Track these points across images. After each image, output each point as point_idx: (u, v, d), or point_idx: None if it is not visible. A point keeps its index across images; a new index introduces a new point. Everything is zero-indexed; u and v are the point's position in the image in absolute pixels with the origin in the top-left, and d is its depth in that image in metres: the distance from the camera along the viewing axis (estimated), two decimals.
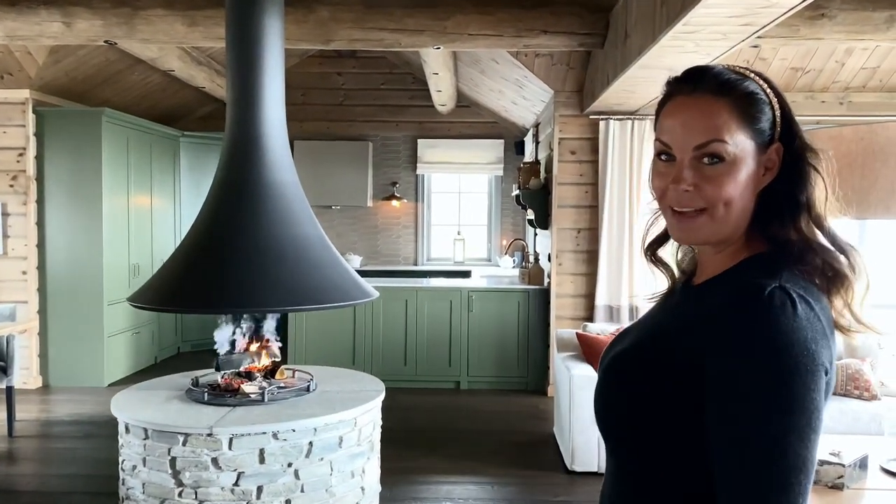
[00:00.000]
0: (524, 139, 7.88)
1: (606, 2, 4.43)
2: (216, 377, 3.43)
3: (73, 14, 4.48)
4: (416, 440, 4.61)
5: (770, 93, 0.95)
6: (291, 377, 3.52)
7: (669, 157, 0.97)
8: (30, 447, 4.53)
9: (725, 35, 3.14)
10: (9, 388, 4.65)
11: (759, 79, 0.96)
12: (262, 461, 2.93)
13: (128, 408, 3.14)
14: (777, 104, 0.95)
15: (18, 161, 5.77)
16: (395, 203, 8.18)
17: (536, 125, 6.89)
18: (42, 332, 5.94)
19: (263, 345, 3.57)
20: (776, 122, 0.95)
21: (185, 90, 7.08)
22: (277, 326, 3.64)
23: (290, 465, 2.97)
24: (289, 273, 3.09)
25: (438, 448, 4.49)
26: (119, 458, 3.19)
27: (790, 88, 5.49)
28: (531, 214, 6.31)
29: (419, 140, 8.17)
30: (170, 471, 2.94)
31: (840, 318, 0.92)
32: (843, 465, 2.37)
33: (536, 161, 6.49)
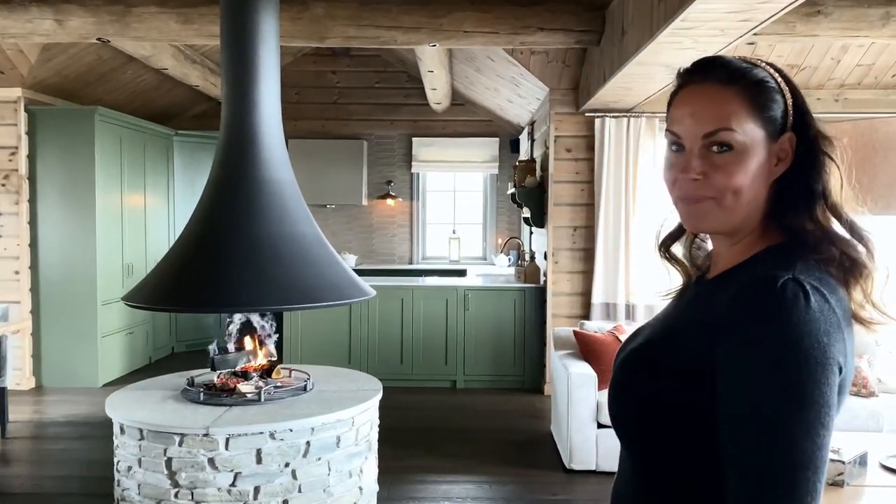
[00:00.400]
0: (519, 137, 7.87)
1: None
2: (212, 377, 3.40)
3: (66, 11, 4.44)
4: (413, 439, 4.59)
5: (781, 81, 0.94)
6: (288, 376, 3.49)
7: (680, 148, 0.96)
8: (23, 448, 4.49)
9: (723, 31, 3.13)
10: (1, 389, 4.60)
11: (771, 68, 0.94)
12: (259, 461, 2.90)
13: (123, 408, 3.11)
14: (789, 93, 0.94)
15: (10, 160, 5.72)
16: (390, 202, 8.16)
17: (531, 123, 6.88)
18: (35, 333, 5.89)
19: (259, 344, 3.54)
20: (788, 111, 0.93)
21: (179, 89, 7.03)
22: (275, 325, 3.61)
23: (288, 466, 2.95)
24: (285, 271, 3.06)
25: (435, 447, 4.47)
26: (114, 459, 3.16)
27: None
28: (527, 213, 6.30)
29: (414, 138, 8.15)
30: (166, 471, 2.91)
31: (860, 311, 0.90)
32: (844, 462, 2.36)
33: (532, 159, 6.48)
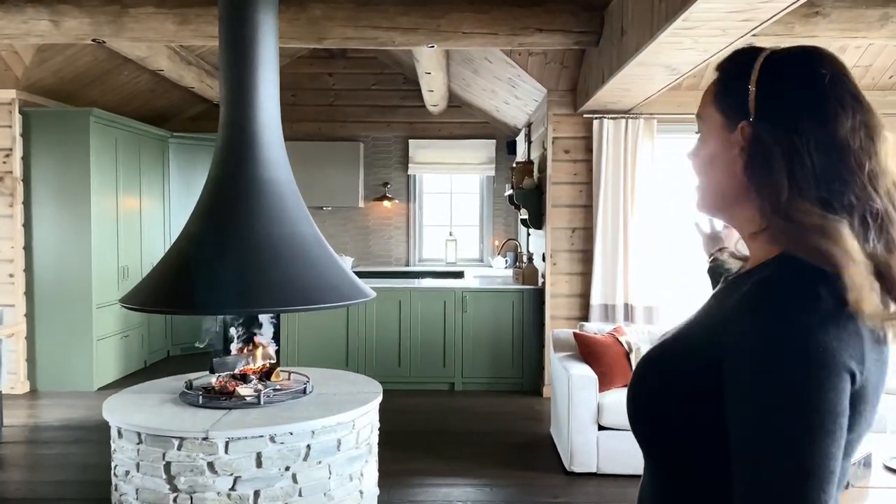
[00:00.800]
0: (516, 139, 7.86)
1: None
2: (210, 380, 3.37)
3: (61, 12, 4.41)
4: (412, 442, 4.56)
5: (756, 69, 0.91)
6: (287, 379, 3.47)
7: None
8: (18, 453, 4.44)
9: (724, 31, 3.12)
10: None
11: (761, 57, 0.92)
12: (259, 465, 2.87)
13: (120, 412, 3.07)
14: (755, 81, 0.90)
15: (5, 162, 5.68)
16: (387, 204, 8.13)
17: (529, 125, 6.87)
18: (29, 336, 5.84)
19: (258, 346, 3.51)
20: (749, 100, 0.90)
21: (174, 91, 7.00)
22: (274, 328, 3.58)
23: (288, 469, 2.92)
24: (284, 272, 3.03)
25: (434, 450, 4.44)
26: (111, 464, 3.13)
27: None
28: (525, 214, 6.28)
29: (410, 140, 8.13)
30: (164, 476, 2.88)
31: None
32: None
33: (530, 161, 6.46)
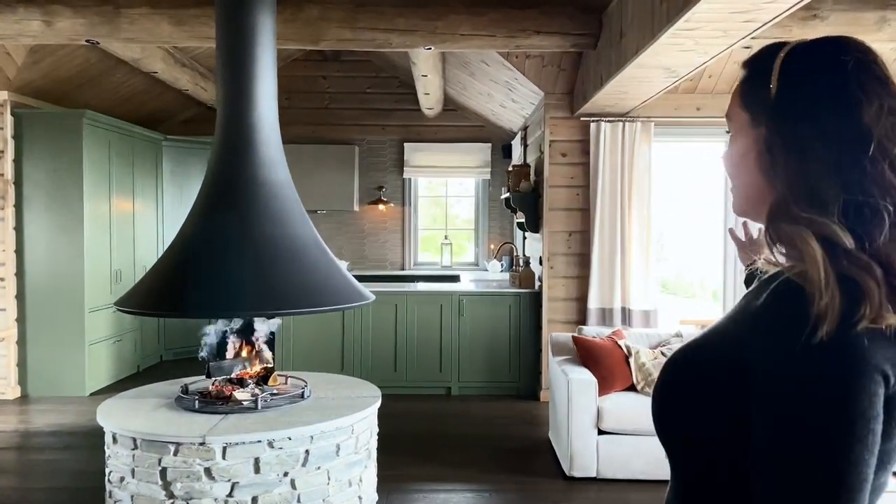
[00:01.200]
0: (511, 143, 7.84)
1: (600, 2, 4.39)
2: (206, 384, 3.32)
3: (54, 12, 4.36)
4: (410, 447, 4.52)
5: (777, 66, 0.88)
6: (284, 384, 3.42)
7: None
8: (9, 459, 4.37)
9: (725, 32, 3.11)
10: None
11: (783, 52, 0.89)
12: (258, 471, 2.83)
13: (115, 417, 3.02)
14: (776, 80, 0.88)
15: None
16: (382, 207, 8.10)
17: (525, 128, 6.85)
18: (21, 341, 5.76)
19: (255, 350, 3.46)
20: (770, 99, 0.88)
21: (168, 93, 6.94)
22: (271, 331, 3.54)
23: (287, 475, 2.87)
24: (282, 275, 2.99)
25: (433, 455, 4.40)
26: (106, 470, 3.07)
27: None
28: (521, 217, 6.25)
29: (406, 144, 8.10)
30: (160, 482, 2.83)
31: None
32: None
33: (526, 164, 6.44)
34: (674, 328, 4.80)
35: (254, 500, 2.83)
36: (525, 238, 6.95)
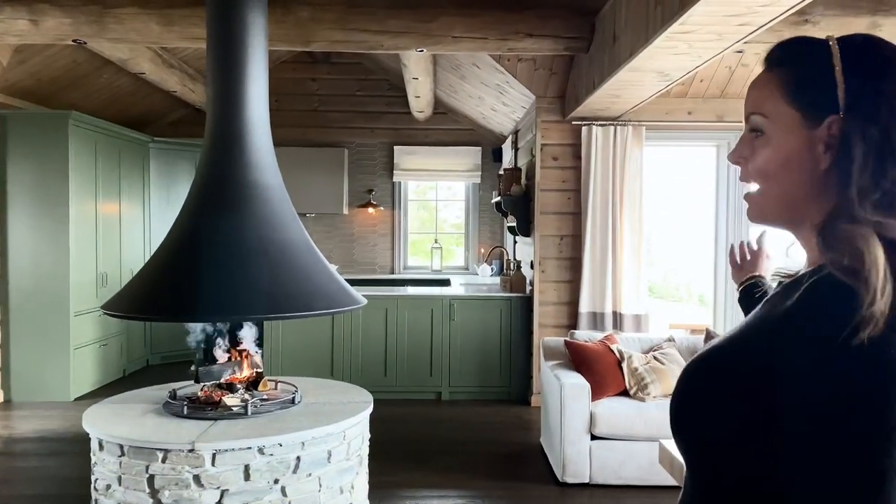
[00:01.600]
0: (502, 146, 7.82)
1: (592, 5, 4.38)
2: (195, 389, 3.26)
3: (40, 11, 4.29)
4: (401, 453, 4.47)
5: (838, 60, 0.85)
6: (274, 389, 3.37)
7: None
8: None
9: (720, 35, 3.10)
10: None
11: (835, 45, 0.86)
12: (248, 478, 2.78)
13: (101, 423, 2.96)
14: (840, 72, 0.84)
15: None
16: (372, 210, 8.05)
17: (516, 132, 6.83)
18: (4, 345, 5.67)
19: (245, 355, 3.41)
20: (837, 93, 0.84)
21: (156, 94, 6.87)
22: (259, 335, 3.49)
23: (277, 482, 2.82)
24: (272, 278, 2.95)
25: (424, 461, 4.36)
26: (91, 477, 3.01)
27: None
28: (512, 221, 6.23)
29: (395, 147, 8.06)
30: (147, 490, 2.77)
31: None
32: None
33: (517, 168, 6.42)
34: (665, 333, 4.78)
35: None
36: (516, 242, 6.92)
